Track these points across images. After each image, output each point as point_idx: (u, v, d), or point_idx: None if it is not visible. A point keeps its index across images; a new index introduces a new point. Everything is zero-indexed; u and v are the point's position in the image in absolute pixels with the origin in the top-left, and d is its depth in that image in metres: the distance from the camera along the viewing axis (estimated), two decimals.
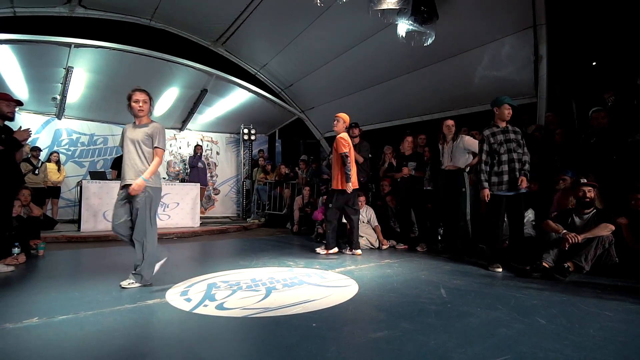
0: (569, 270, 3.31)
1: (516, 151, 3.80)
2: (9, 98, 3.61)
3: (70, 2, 6.64)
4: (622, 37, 5.21)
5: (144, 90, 3.06)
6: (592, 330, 2.04)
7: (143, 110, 3.02)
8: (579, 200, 3.62)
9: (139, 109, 3.01)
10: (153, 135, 3.03)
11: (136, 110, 3.01)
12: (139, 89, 3.04)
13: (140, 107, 3.01)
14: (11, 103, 3.59)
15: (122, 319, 2.22)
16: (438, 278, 3.37)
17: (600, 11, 5.37)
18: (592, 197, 3.57)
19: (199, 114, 9.78)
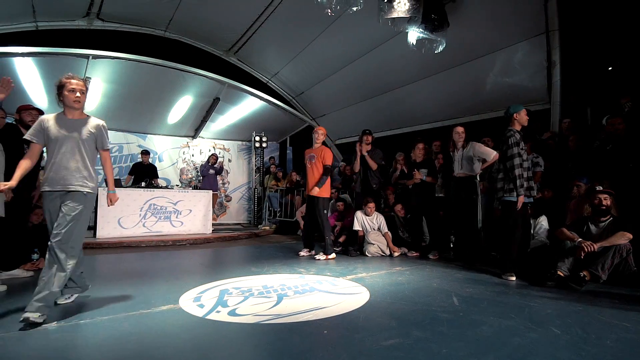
0: (585, 279, 3.24)
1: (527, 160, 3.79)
2: (29, 107, 3.73)
3: (89, 16, 6.88)
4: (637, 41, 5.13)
5: (81, 78, 2.65)
6: (609, 342, 1.99)
7: (80, 102, 2.58)
8: (595, 207, 3.56)
9: (76, 100, 2.54)
10: (98, 136, 2.63)
11: (71, 101, 2.54)
12: (74, 76, 2.59)
13: (77, 97, 2.54)
14: (32, 112, 3.70)
15: (137, 324, 2.27)
16: (450, 286, 3.34)
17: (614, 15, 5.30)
18: (608, 205, 3.50)
19: (212, 122, 9.94)
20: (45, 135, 2.50)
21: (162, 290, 3.14)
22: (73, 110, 2.58)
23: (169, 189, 7.58)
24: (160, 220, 7.04)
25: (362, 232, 5.38)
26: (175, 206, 7.22)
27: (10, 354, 1.82)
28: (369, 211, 5.33)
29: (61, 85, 2.55)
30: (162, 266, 4.50)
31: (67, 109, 2.58)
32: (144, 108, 8.81)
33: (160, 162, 9.91)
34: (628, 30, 5.26)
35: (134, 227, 6.72)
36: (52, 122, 2.53)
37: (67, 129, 2.53)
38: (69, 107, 2.57)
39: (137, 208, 6.81)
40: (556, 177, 4.67)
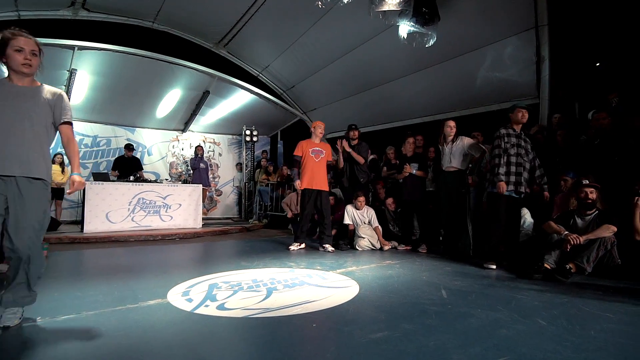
0: (571, 271, 3.30)
1: (523, 157, 3.95)
2: None
3: (74, 5, 6.70)
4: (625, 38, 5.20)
5: (32, 36, 2.03)
6: (593, 332, 2.03)
7: (31, 66, 2.00)
8: (581, 201, 3.62)
9: (25, 63, 1.97)
10: (57, 105, 2.07)
11: (18, 64, 1.96)
12: (23, 31, 2.01)
13: (26, 60, 1.97)
14: None
15: (124, 319, 2.24)
16: (439, 279, 3.37)
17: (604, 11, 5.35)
18: (594, 199, 3.56)
19: (201, 116, 9.83)
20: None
21: (150, 284, 3.11)
22: (21, 76, 2.01)
23: (158, 183, 7.49)
24: (150, 214, 6.96)
25: (352, 225, 5.39)
26: (164, 200, 7.14)
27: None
28: (359, 205, 5.35)
29: (3, 41, 1.95)
30: (150, 261, 4.46)
31: (13, 75, 2.00)
32: (132, 101, 8.67)
33: (149, 156, 9.79)
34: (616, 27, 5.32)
35: (123, 221, 6.64)
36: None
37: (11, 97, 1.97)
38: (15, 72, 2.00)
39: (126, 202, 6.72)
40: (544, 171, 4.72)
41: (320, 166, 5.17)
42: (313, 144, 5.27)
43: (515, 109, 4.03)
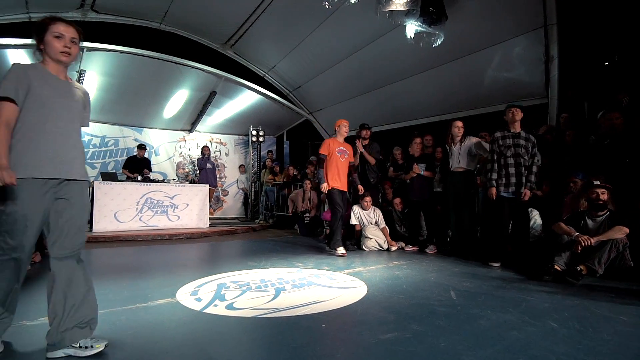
0: (582, 273, 3.25)
1: (523, 157, 3.98)
2: None
3: (83, 7, 6.77)
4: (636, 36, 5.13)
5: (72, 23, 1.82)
6: (606, 335, 2.00)
7: (70, 55, 1.80)
8: (592, 202, 3.57)
9: (64, 51, 1.78)
10: (86, 106, 1.98)
11: (57, 51, 1.77)
12: (62, 18, 1.81)
13: (66, 47, 1.78)
14: None
15: (134, 318, 2.25)
16: (447, 280, 3.35)
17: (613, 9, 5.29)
18: (605, 199, 3.51)
19: (208, 116, 9.88)
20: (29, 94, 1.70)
21: (159, 284, 3.13)
22: (59, 64, 1.82)
23: (165, 183, 7.54)
24: (157, 214, 7.01)
25: (359, 226, 5.38)
26: (172, 200, 7.18)
27: (6, 347, 1.80)
28: (366, 205, 5.33)
29: (42, 27, 1.77)
30: (159, 260, 4.48)
31: (51, 63, 1.81)
32: (139, 101, 8.74)
33: (156, 156, 9.85)
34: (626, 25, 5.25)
35: (131, 221, 6.69)
36: (37, 76, 1.75)
37: (61, 94, 1.80)
38: (53, 61, 1.80)
39: (134, 202, 6.77)
40: (553, 172, 4.67)
41: (345, 166, 5.01)
42: (338, 142, 5.06)
43: (506, 109, 4.10)
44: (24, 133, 1.69)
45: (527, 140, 4.02)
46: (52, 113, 1.74)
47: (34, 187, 1.67)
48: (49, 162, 1.71)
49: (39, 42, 1.79)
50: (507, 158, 4.02)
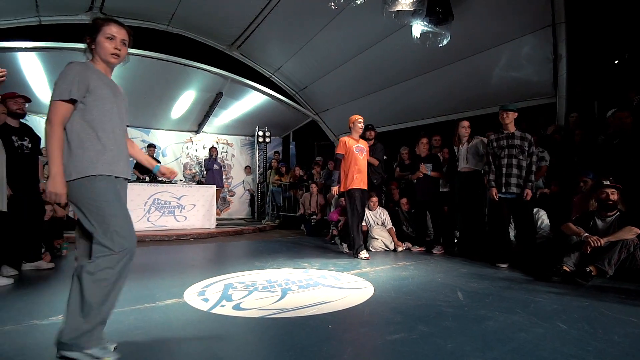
0: (591, 274, 3.21)
1: (517, 157, 3.98)
2: (14, 95, 3.55)
3: (92, 10, 6.85)
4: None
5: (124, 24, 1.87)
6: (616, 337, 1.98)
7: (119, 57, 1.84)
8: (602, 202, 3.52)
9: (114, 53, 1.81)
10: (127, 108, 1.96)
11: (107, 53, 1.80)
12: (113, 19, 1.86)
13: (116, 49, 1.81)
14: (18, 100, 3.54)
15: (142, 318, 2.27)
16: (454, 281, 3.33)
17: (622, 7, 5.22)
18: (615, 200, 3.47)
19: (215, 117, 9.93)
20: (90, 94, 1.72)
21: (167, 284, 3.15)
22: (108, 65, 1.85)
23: (172, 184, 7.59)
24: (164, 214, 7.06)
25: (365, 226, 5.37)
26: (179, 201, 7.23)
27: (17, 345, 1.83)
28: (372, 206, 5.32)
29: (95, 27, 1.80)
30: (166, 260, 4.52)
31: (100, 63, 1.83)
32: (147, 103, 8.81)
33: (163, 157, 9.93)
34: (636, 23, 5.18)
35: (138, 221, 6.75)
36: (94, 76, 1.75)
37: (113, 90, 1.84)
38: (102, 61, 1.82)
39: (141, 203, 6.83)
40: (562, 171, 4.63)
41: (365, 163, 4.79)
42: (355, 140, 4.83)
43: (499, 112, 4.12)
44: (89, 132, 1.71)
45: (522, 139, 4.02)
46: (112, 113, 1.79)
47: (112, 183, 1.73)
48: (119, 161, 1.78)
49: (90, 42, 1.81)
50: (502, 159, 4.05)
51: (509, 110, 4.07)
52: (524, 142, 4.01)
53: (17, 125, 3.56)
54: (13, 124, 3.53)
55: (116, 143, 1.78)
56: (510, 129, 4.07)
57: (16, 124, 3.56)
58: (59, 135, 1.65)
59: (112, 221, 1.66)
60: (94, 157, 1.69)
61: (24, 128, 3.64)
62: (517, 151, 3.98)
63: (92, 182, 1.67)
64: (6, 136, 3.33)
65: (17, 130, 3.53)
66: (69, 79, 1.67)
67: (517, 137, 4.03)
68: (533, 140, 4.05)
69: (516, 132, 4.06)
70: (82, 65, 1.75)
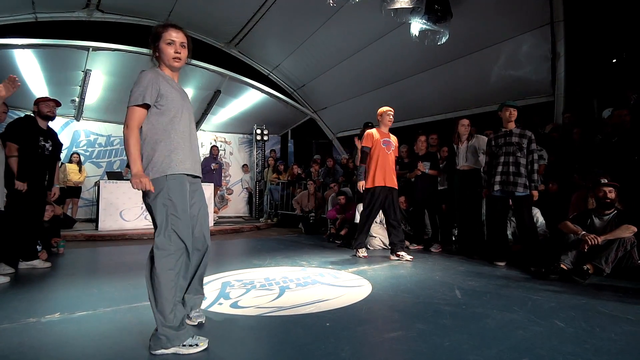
0: (589, 272, 3.22)
1: (515, 155, 3.89)
2: (46, 99, 3.72)
3: (89, 7, 6.82)
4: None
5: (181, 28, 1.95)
6: (613, 335, 1.98)
7: (180, 60, 1.92)
8: (600, 200, 3.53)
9: (175, 57, 1.90)
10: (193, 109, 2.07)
11: (169, 57, 1.89)
12: (172, 24, 1.93)
13: (177, 53, 1.89)
14: (49, 103, 3.69)
15: (140, 316, 2.27)
16: (452, 279, 3.33)
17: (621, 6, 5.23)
18: (613, 198, 3.47)
19: (213, 115, 9.90)
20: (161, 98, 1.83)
21: None
22: (173, 70, 1.95)
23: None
24: None
25: None
26: None
27: (13, 344, 1.82)
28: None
29: (157, 35, 1.90)
30: None
31: (166, 69, 1.94)
32: None
33: None
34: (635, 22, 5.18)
35: (136, 219, 6.74)
36: (163, 82, 1.86)
37: (181, 94, 1.96)
38: (167, 66, 1.93)
39: (139, 201, 6.79)
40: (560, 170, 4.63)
41: (391, 160, 4.46)
42: (383, 133, 4.55)
43: (503, 107, 4.03)
44: (162, 135, 1.82)
45: (521, 136, 3.91)
46: (182, 115, 1.89)
47: (183, 182, 1.84)
48: (188, 160, 1.88)
49: (154, 50, 1.93)
50: (499, 157, 3.97)
51: (515, 107, 3.97)
52: (522, 139, 3.90)
53: (45, 128, 3.72)
54: (42, 125, 3.68)
55: (186, 142, 1.88)
56: (510, 126, 4.00)
57: (45, 126, 3.71)
58: (136, 138, 1.77)
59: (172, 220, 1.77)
60: (167, 158, 1.80)
61: (50, 132, 3.80)
62: (515, 148, 3.90)
63: (164, 181, 1.78)
64: (34, 136, 3.55)
65: (44, 132, 3.69)
66: (142, 85, 1.78)
67: (516, 134, 3.94)
68: (533, 137, 3.93)
69: (514, 129, 3.98)
70: (153, 71, 1.86)
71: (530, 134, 3.93)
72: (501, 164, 3.96)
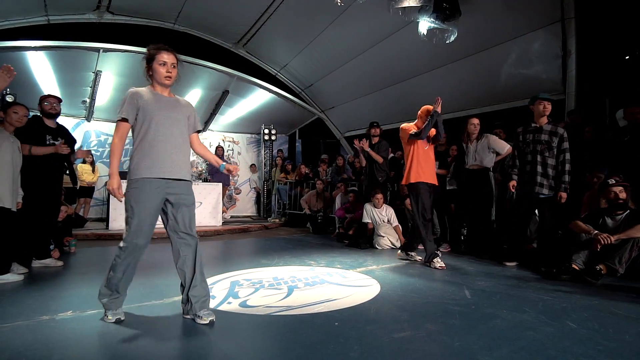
0: (601, 272, 3.17)
1: (542, 154, 3.71)
2: (47, 96, 3.74)
3: (99, 9, 6.91)
4: None
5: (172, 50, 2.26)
6: (628, 336, 1.95)
7: (171, 78, 2.23)
8: (611, 202, 3.44)
9: (167, 76, 2.20)
10: (191, 116, 2.35)
11: (162, 76, 2.20)
12: (164, 47, 2.25)
13: (168, 72, 2.20)
14: (50, 100, 3.70)
15: (149, 314, 2.29)
16: (462, 279, 3.30)
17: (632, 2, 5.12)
18: (625, 198, 3.41)
19: (221, 115, 9.95)
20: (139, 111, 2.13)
21: (173, 281, 3.14)
22: (163, 87, 2.25)
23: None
24: None
25: (371, 224, 5.35)
26: None
27: (27, 341, 1.85)
28: (377, 203, 5.31)
29: (150, 57, 2.21)
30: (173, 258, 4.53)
31: (157, 85, 2.24)
32: None
33: None
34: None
35: None
36: (145, 97, 2.16)
37: (164, 107, 2.20)
38: (159, 83, 2.22)
39: None
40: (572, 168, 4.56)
41: (431, 155, 4.16)
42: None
43: (536, 101, 3.76)
44: (139, 142, 2.14)
45: (551, 134, 3.66)
46: (158, 124, 2.14)
47: (150, 185, 2.08)
48: (161, 165, 2.11)
49: (148, 69, 2.24)
50: (526, 155, 3.79)
51: (550, 101, 3.71)
52: (552, 138, 3.65)
53: (53, 126, 3.73)
54: (49, 124, 3.70)
55: (159, 149, 2.12)
56: (542, 122, 3.74)
57: (52, 124, 3.73)
58: (117, 147, 2.15)
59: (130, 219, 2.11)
60: (137, 164, 2.11)
61: (60, 129, 3.81)
62: (544, 147, 3.69)
63: (131, 185, 2.10)
64: (41, 135, 3.56)
65: (52, 130, 3.69)
66: (124, 103, 2.13)
67: (546, 131, 3.69)
68: (565, 135, 3.66)
69: (545, 125, 3.71)
70: (134, 90, 2.18)
71: (562, 132, 3.68)
72: (528, 163, 3.77)
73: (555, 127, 3.73)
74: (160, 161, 2.11)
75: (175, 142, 2.18)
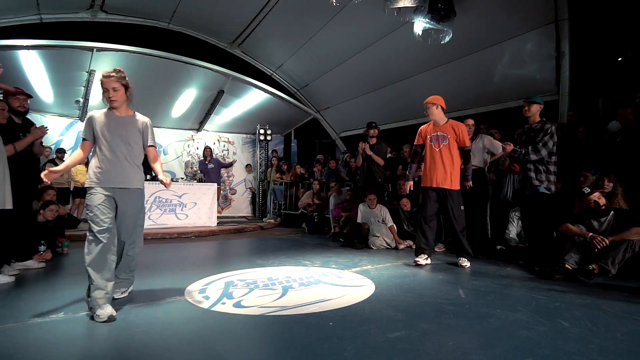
0: (594, 272, 3.19)
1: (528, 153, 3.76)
2: (16, 92, 3.58)
3: (93, 8, 6.86)
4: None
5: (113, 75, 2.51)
6: (619, 335, 1.97)
7: (116, 101, 2.49)
8: (594, 211, 3.45)
9: (110, 99, 2.49)
10: (145, 132, 2.64)
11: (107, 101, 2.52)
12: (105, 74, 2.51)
13: (109, 97, 2.49)
14: (19, 97, 3.56)
15: (143, 316, 2.28)
16: (456, 279, 3.32)
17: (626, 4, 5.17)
18: (605, 202, 3.42)
19: (216, 115, 9.92)
20: (94, 131, 2.47)
21: (168, 282, 3.16)
22: (116, 107, 2.54)
23: (173, 182, 7.59)
24: (166, 212, 7.07)
25: (366, 224, 5.36)
26: (180, 199, 7.24)
27: (18, 343, 1.83)
28: (370, 204, 5.32)
29: (101, 85, 2.51)
30: (167, 258, 4.52)
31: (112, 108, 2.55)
32: (148, 101, 8.76)
33: (165, 155, 9.93)
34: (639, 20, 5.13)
35: None
36: (99, 118, 2.49)
37: (114, 127, 2.49)
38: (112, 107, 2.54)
39: None
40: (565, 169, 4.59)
41: (442, 156, 3.96)
42: (434, 127, 4.18)
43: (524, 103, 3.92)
44: (92, 157, 2.50)
45: (538, 132, 3.71)
46: (106, 141, 2.45)
47: (99, 192, 2.39)
48: (109, 176, 2.43)
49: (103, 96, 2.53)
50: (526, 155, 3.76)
51: (531, 102, 3.78)
52: (537, 134, 3.70)
53: (20, 122, 3.60)
54: (17, 120, 3.57)
55: (108, 162, 2.44)
56: (531, 122, 3.81)
57: (19, 120, 3.60)
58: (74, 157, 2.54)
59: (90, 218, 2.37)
60: (90, 176, 2.44)
61: (27, 124, 3.67)
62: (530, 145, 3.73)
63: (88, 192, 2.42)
64: (14, 133, 3.40)
65: (21, 127, 3.56)
66: (85, 124, 2.52)
67: (535, 130, 3.75)
68: (550, 129, 3.64)
69: (535, 124, 3.78)
70: (90, 114, 2.54)
71: (547, 128, 3.67)
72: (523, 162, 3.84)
73: (543, 125, 3.75)
74: (112, 173, 2.44)
75: (129, 155, 2.51)
